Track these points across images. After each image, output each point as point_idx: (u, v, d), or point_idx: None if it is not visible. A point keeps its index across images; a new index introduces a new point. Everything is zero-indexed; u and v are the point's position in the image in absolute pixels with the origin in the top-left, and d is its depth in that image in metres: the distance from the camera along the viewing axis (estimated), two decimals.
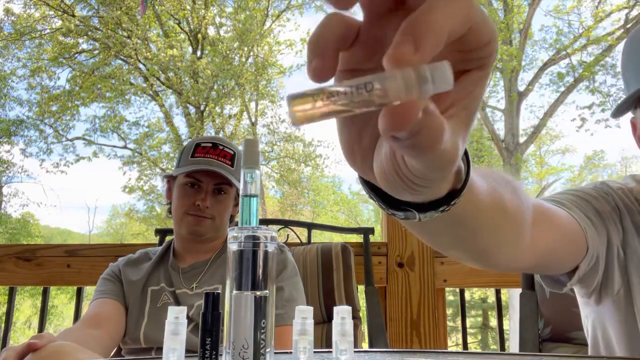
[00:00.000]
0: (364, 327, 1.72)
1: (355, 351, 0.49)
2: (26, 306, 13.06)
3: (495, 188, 0.50)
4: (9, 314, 1.89)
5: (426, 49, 0.26)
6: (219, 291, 0.54)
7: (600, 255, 0.75)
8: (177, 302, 1.29)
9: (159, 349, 1.24)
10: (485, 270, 1.77)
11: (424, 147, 0.29)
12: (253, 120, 14.23)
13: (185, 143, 2.07)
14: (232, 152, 1.39)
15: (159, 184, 14.52)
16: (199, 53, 13.14)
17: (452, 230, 0.48)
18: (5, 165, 13.68)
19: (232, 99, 13.41)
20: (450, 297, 8.86)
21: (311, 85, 0.28)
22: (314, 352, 0.48)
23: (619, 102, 0.84)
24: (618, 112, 0.85)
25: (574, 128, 12.46)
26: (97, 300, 1.31)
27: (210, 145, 1.38)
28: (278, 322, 1.20)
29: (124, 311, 1.32)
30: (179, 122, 14.38)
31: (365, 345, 1.85)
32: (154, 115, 14.01)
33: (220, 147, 1.38)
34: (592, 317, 0.89)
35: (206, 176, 1.35)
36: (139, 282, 1.34)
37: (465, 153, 0.40)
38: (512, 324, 8.81)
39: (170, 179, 1.44)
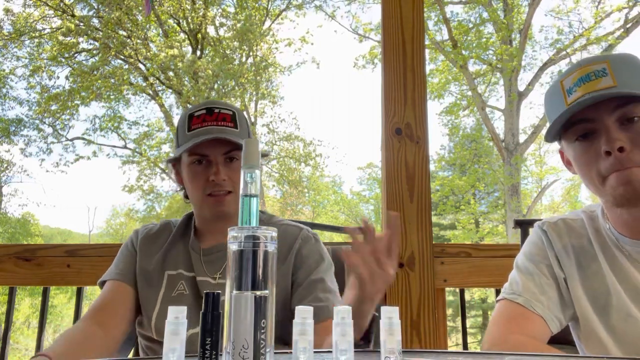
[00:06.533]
0: None
1: (355, 351, 0.49)
2: (25, 305, 13.06)
3: None
4: (8, 314, 1.89)
5: None
6: (219, 291, 0.54)
7: (558, 315, 0.98)
8: (196, 290, 1.15)
9: None
10: (486, 269, 1.77)
11: None
12: (253, 120, 14.23)
13: None
14: (231, 112, 1.20)
15: (159, 183, 14.54)
16: (198, 53, 13.14)
17: None
18: (5, 165, 13.68)
19: (232, 99, 13.41)
20: (450, 297, 8.87)
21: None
22: (314, 352, 0.48)
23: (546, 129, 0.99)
24: (548, 139, 1.00)
25: None
26: (110, 283, 1.20)
27: (204, 111, 1.19)
28: (321, 315, 1.03)
29: (135, 295, 1.20)
30: None
31: None
32: (154, 115, 14.04)
33: (217, 111, 1.19)
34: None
35: (211, 147, 1.16)
36: (155, 262, 1.22)
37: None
38: None
39: (175, 163, 1.27)
